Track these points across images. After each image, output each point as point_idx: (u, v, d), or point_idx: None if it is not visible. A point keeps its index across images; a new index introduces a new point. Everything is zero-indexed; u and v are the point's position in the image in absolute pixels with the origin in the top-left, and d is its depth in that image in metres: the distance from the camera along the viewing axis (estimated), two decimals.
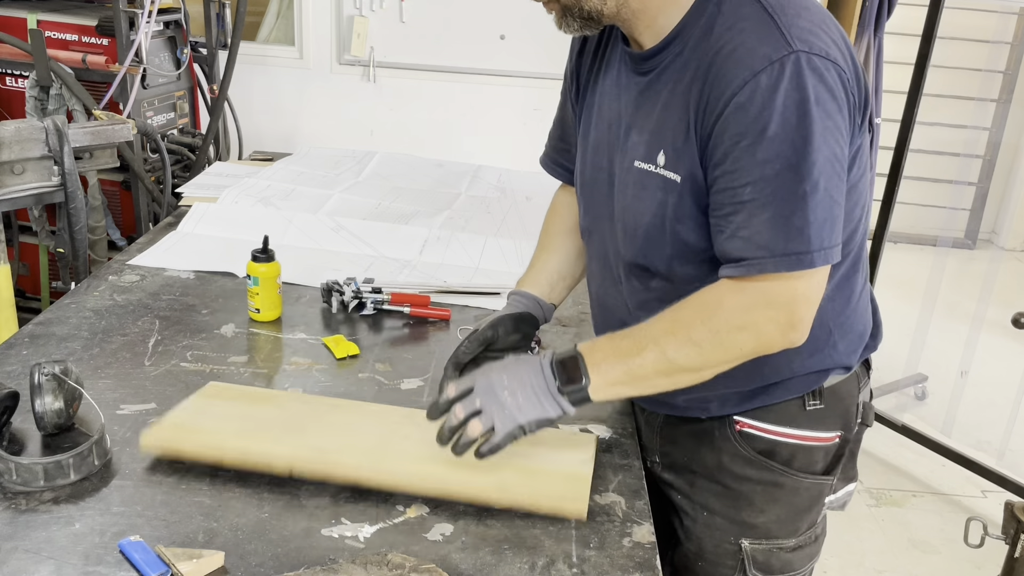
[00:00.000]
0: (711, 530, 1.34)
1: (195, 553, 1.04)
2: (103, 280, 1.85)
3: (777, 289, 1.09)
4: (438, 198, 2.52)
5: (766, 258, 1.08)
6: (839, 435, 1.31)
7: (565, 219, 1.50)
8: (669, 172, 1.16)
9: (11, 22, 2.81)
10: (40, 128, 2.10)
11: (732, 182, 1.09)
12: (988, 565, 2.59)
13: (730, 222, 1.10)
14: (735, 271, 1.10)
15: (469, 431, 1.15)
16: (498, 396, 1.15)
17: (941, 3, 3.00)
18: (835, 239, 1.10)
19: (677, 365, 1.13)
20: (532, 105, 4.04)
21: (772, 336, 1.12)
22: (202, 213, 2.20)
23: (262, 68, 4.06)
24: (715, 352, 1.12)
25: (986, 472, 3.01)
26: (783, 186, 1.06)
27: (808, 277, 1.09)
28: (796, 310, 1.10)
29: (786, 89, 1.04)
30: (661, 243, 1.20)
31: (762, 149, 1.05)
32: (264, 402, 1.36)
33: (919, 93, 3.10)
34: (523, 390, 1.15)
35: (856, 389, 1.32)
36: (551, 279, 1.47)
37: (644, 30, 1.18)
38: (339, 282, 1.80)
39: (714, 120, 1.09)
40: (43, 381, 1.24)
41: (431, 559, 1.08)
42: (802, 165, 1.05)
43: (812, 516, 1.35)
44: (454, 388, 1.18)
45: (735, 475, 1.30)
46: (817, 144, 1.05)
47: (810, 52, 1.05)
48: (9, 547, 1.06)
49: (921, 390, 3.66)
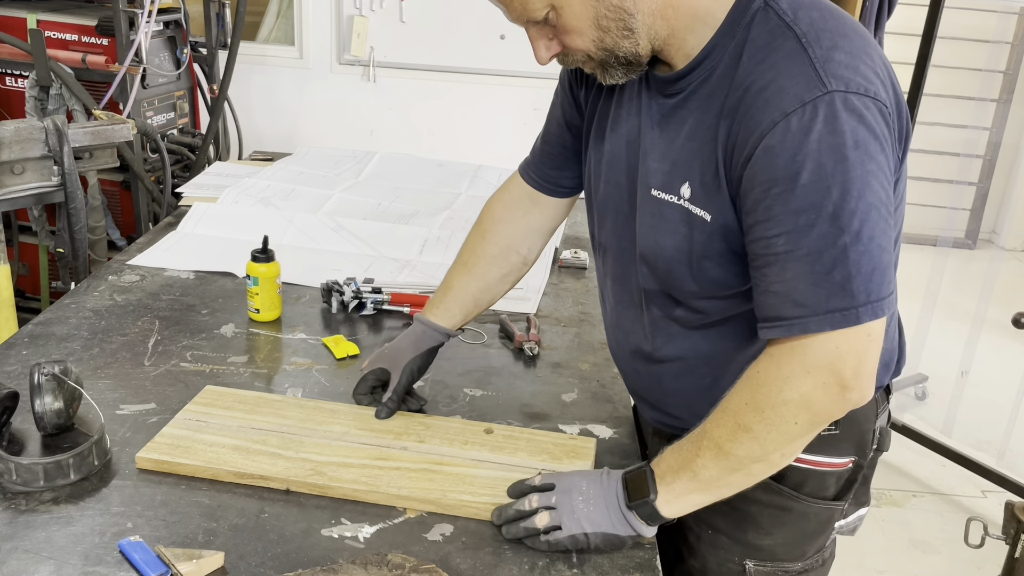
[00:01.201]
0: (715, 548, 1.29)
1: (195, 553, 1.04)
2: (103, 280, 1.85)
3: (815, 351, 1.00)
4: (438, 198, 2.52)
5: (806, 317, 0.99)
6: (852, 460, 1.24)
7: (496, 243, 1.43)
8: (697, 208, 1.09)
9: (11, 22, 2.81)
10: (40, 128, 2.10)
11: (765, 232, 1.00)
12: (988, 565, 2.59)
13: (764, 275, 1.02)
14: (771, 332, 1.02)
15: (536, 520, 1.12)
16: (572, 500, 1.12)
17: (941, 3, 3.00)
18: (885, 290, 0.99)
19: (737, 457, 1.04)
20: (532, 105, 4.04)
21: (824, 403, 1.01)
22: (202, 213, 2.20)
23: (262, 68, 4.06)
24: (769, 433, 1.02)
25: (986, 472, 3.01)
26: (821, 238, 0.97)
27: (854, 335, 0.99)
28: (842, 370, 1.00)
29: (820, 132, 0.96)
30: (685, 277, 1.13)
31: (795, 198, 0.97)
32: (261, 409, 1.36)
33: (919, 93, 3.10)
34: (596, 502, 1.12)
35: (874, 415, 1.25)
36: (465, 307, 1.44)
37: (675, 52, 1.10)
38: (339, 282, 1.79)
39: (743, 163, 1.02)
40: (43, 381, 1.24)
41: (431, 559, 1.08)
42: (841, 215, 0.96)
43: (820, 541, 1.30)
44: (540, 480, 1.16)
45: (743, 496, 1.17)
46: (857, 191, 0.96)
47: (847, 91, 0.96)
48: (9, 547, 1.06)
49: (921, 390, 3.66)
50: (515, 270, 1.45)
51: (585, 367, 1.63)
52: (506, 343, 1.71)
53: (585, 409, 1.48)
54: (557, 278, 2.05)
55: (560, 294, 1.97)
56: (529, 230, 1.44)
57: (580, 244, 2.24)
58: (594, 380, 1.58)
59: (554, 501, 1.13)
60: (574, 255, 2.14)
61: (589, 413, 1.47)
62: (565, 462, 1.27)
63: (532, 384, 1.56)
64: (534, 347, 1.66)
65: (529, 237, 1.44)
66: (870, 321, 0.99)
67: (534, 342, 1.67)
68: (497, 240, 1.43)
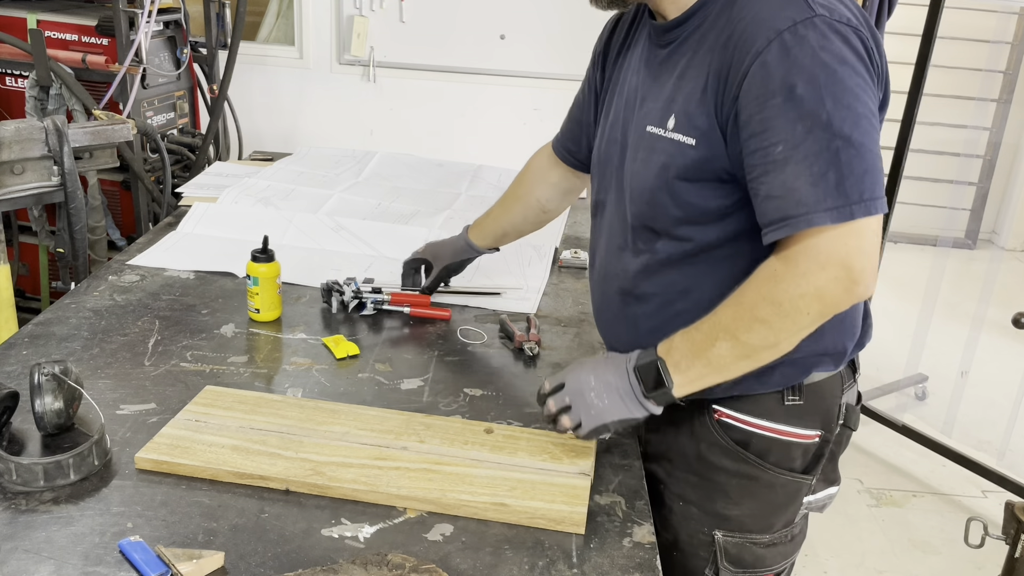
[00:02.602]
0: (687, 520, 1.36)
1: (195, 553, 1.04)
2: (103, 280, 1.85)
3: (827, 248, 1.08)
4: (438, 198, 2.52)
5: (807, 214, 1.07)
6: (819, 434, 1.30)
7: (524, 188, 1.70)
8: (679, 135, 1.18)
9: (11, 22, 2.81)
10: (40, 128, 2.10)
11: (763, 142, 1.09)
12: (988, 565, 2.59)
13: (763, 183, 1.10)
14: (777, 232, 1.10)
15: (560, 424, 1.26)
16: (586, 398, 1.23)
17: (941, 3, 3.00)
18: (878, 191, 1.08)
19: (752, 346, 1.14)
20: (532, 105, 4.04)
21: (836, 295, 1.10)
22: (202, 213, 2.20)
23: (262, 68, 4.07)
24: (784, 324, 1.12)
25: (986, 472, 3.01)
26: (816, 143, 1.06)
27: (856, 231, 1.07)
28: (852, 264, 1.08)
29: (812, 48, 1.06)
30: (666, 204, 1.22)
31: (792, 108, 1.06)
32: (261, 409, 1.36)
33: (919, 93, 3.10)
34: (609, 394, 1.22)
35: (839, 390, 1.31)
36: (496, 235, 1.74)
37: (668, 4, 1.22)
38: (339, 282, 1.80)
39: (739, 82, 1.10)
40: (43, 381, 1.24)
41: (431, 559, 1.08)
42: (833, 122, 1.06)
43: (788, 515, 1.35)
44: (548, 384, 1.28)
45: (712, 465, 1.32)
46: (847, 101, 1.06)
47: (832, 18, 1.08)
48: (9, 547, 1.06)
49: (921, 390, 3.66)
50: (534, 216, 1.71)
51: None
52: (506, 343, 1.71)
53: None
54: (557, 278, 2.05)
55: (560, 294, 1.97)
56: (549, 185, 1.68)
57: (580, 244, 2.24)
58: None
59: (568, 401, 1.24)
60: (574, 255, 2.14)
61: None
62: (565, 462, 1.27)
63: (532, 384, 1.56)
64: (534, 347, 1.66)
65: (549, 190, 1.68)
66: (864, 217, 1.08)
67: (534, 342, 1.67)
68: (525, 186, 1.71)
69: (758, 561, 1.35)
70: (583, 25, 3.93)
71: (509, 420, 1.42)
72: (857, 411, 1.35)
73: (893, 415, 3.34)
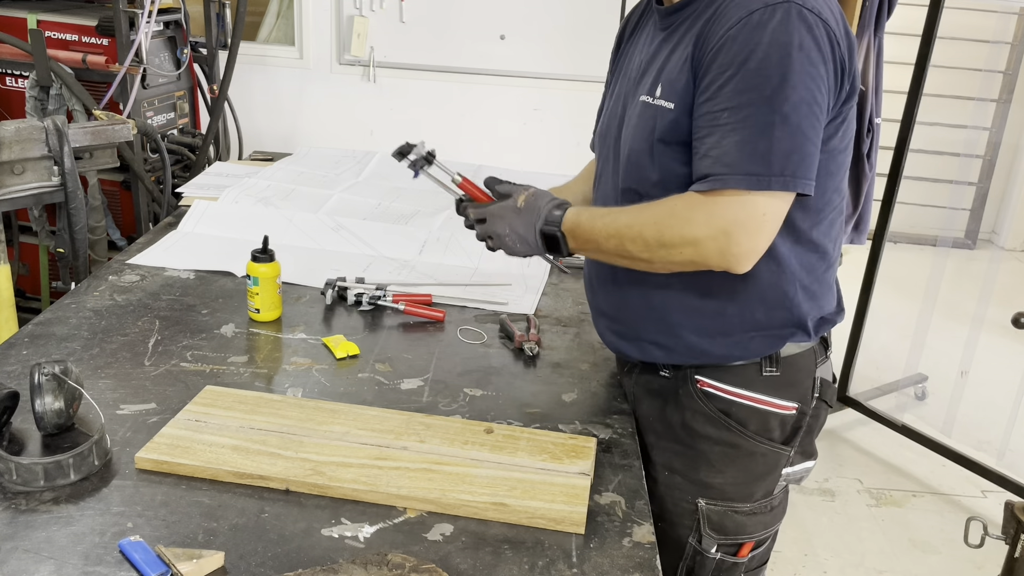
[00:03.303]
0: (671, 490, 1.42)
1: (195, 553, 1.04)
2: (103, 280, 1.85)
3: (721, 211, 1.18)
4: (438, 198, 2.51)
5: (728, 175, 1.17)
6: (796, 407, 1.39)
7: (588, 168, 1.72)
8: (663, 101, 1.28)
9: (11, 22, 2.81)
10: (40, 128, 2.10)
11: (712, 107, 1.19)
12: (988, 565, 2.59)
13: (704, 143, 1.20)
14: (700, 186, 1.20)
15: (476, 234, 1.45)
16: (503, 240, 1.40)
17: (941, 3, 3.00)
18: (803, 172, 1.17)
19: (631, 255, 1.27)
20: (532, 105, 4.04)
21: (709, 253, 1.20)
22: (202, 213, 2.20)
23: (262, 68, 4.07)
24: (659, 253, 1.24)
25: (986, 472, 3.01)
26: (755, 114, 1.15)
27: (752, 204, 1.17)
28: (732, 234, 1.18)
29: (773, 29, 1.15)
30: (648, 167, 1.31)
31: (741, 79, 1.16)
32: (261, 409, 1.36)
33: (919, 93, 3.10)
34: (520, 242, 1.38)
35: (813, 364, 1.40)
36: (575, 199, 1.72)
37: None
38: (339, 282, 1.79)
39: (712, 54, 1.20)
40: (43, 381, 1.25)
41: (431, 559, 1.08)
42: (775, 98, 1.15)
43: (768, 484, 1.42)
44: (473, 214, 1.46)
45: (696, 433, 1.39)
46: (793, 83, 1.15)
47: (803, 6, 1.16)
48: (9, 547, 1.06)
49: (921, 390, 3.66)
50: None
51: (585, 367, 1.63)
52: (506, 343, 1.71)
53: (585, 409, 1.48)
54: (557, 278, 2.05)
55: (560, 294, 1.97)
56: None
57: None
58: (594, 380, 1.59)
59: (487, 233, 1.42)
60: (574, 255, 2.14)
61: (589, 413, 1.47)
62: (565, 461, 1.27)
63: (532, 384, 1.56)
64: (534, 347, 1.66)
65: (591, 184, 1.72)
66: (779, 191, 1.17)
67: (534, 342, 1.67)
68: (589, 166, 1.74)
69: (739, 529, 1.41)
70: (583, 25, 3.94)
71: (509, 420, 1.42)
72: (833, 388, 1.44)
73: (893, 415, 3.34)
